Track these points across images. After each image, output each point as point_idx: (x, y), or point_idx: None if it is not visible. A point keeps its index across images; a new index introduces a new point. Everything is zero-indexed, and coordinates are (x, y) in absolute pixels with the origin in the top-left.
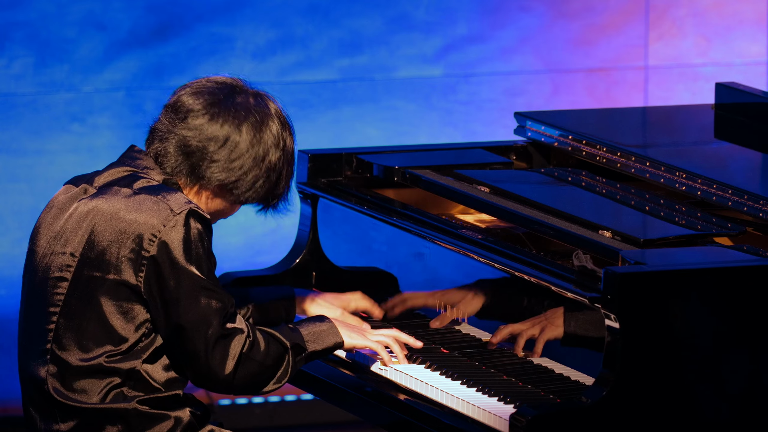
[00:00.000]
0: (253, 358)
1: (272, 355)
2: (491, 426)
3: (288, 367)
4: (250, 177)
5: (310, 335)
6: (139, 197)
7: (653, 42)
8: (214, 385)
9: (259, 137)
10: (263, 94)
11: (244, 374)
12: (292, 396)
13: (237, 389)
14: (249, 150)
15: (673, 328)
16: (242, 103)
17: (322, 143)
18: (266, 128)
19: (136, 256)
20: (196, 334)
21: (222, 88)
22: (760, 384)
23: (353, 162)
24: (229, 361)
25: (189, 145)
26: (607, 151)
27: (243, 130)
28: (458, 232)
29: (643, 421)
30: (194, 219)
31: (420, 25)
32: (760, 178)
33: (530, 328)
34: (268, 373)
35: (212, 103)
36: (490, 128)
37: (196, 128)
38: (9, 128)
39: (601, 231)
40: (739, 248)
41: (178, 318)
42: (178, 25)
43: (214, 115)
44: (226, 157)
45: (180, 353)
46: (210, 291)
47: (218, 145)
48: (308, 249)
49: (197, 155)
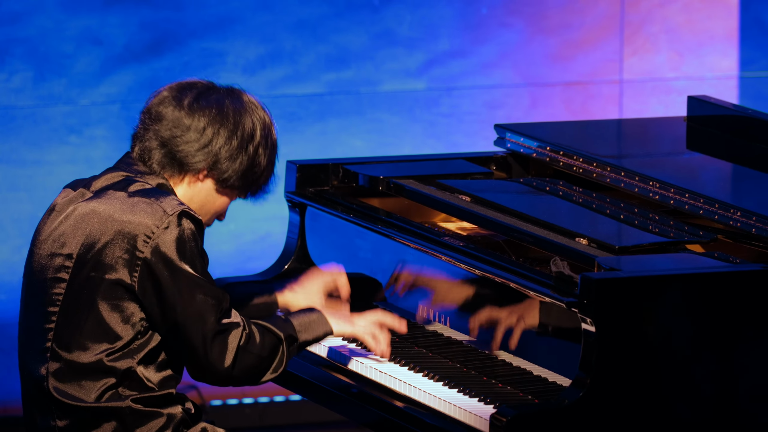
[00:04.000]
0: (250, 350)
1: (267, 347)
2: (472, 426)
3: (283, 356)
4: (228, 155)
5: (300, 325)
6: (133, 200)
7: (628, 57)
8: (214, 378)
9: (228, 116)
10: (232, 86)
11: (242, 366)
12: (281, 397)
13: (236, 381)
14: (223, 130)
15: (646, 331)
16: (209, 89)
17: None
18: (236, 108)
19: (130, 256)
20: (194, 331)
21: (190, 81)
22: (730, 385)
23: (340, 172)
24: (227, 355)
25: (163, 135)
26: (583, 162)
27: (213, 113)
28: (440, 240)
29: (619, 421)
30: (186, 219)
31: (404, 40)
32: (731, 188)
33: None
34: (265, 364)
35: (179, 90)
36: (471, 140)
37: (165, 117)
38: (9, 140)
39: (578, 238)
40: (710, 255)
41: (175, 316)
42: (171, 40)
43: (180, 100)
44: (199, 138)
45: (179, 350)
46: (204, 288)
47: (188, 127)
48: (296, 256)
49: (172, 142)
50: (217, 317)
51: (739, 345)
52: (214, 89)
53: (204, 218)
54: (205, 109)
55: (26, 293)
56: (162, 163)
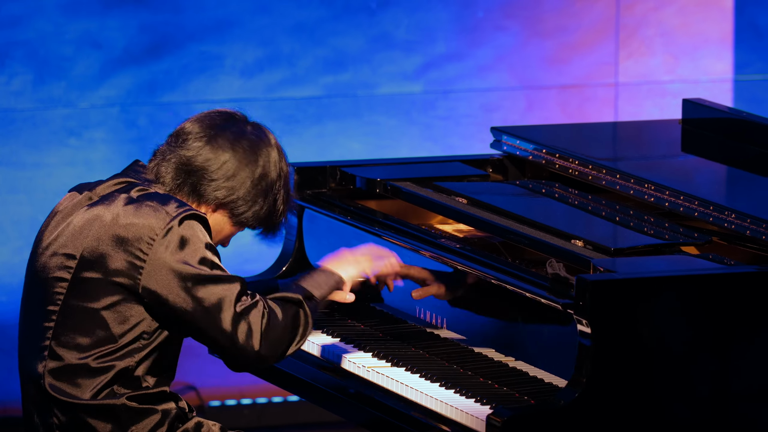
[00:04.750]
0: (275, 325)
1: (290, 316)
2: (469, 426)
3: (307, 318)
4: (248, 197)
5: (311, 285)
6: (137, 203)
7: (623, 60)
8: (247, 362)
9: (256, 159)
10: (260, 124)
11: (271, 343)
12: (279, 397)
13: (270, 359)
14: (246, 170)
15: (642, 333)
16: (240, 127)
17: (308, 157)
18: (263, 151)
19: (134, 259)
20: (213, 326)
21: (221, 114)
22: (725, 386)
23: (337, 174)
24: (254, 337)
25: (189, 164)
26: (579, 164)
27: (240, 151)
28: (437, 242)
29: (615, 421)
30: (191, 219)
31: (401, 44)
32: (725, 190)
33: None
34: (292, 333)
35: (210, 126)
36: (467, 142)
37: (194, 149)
38: (9, 142)
39: (574, 240)
40: (705, 257)
41: (189, 316)
42: (170, 43)
43: (212, 137)
44: (224, 177)
45: (209, 345)
46: (214, 280)
47: (216, 166)
48: (294, 257)
49: (197, 174)
50: (234, 305)
51: (733, 346)
52: (246, 125)
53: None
54: (237, 149)
55: (27, 292)
56: (178, 186)
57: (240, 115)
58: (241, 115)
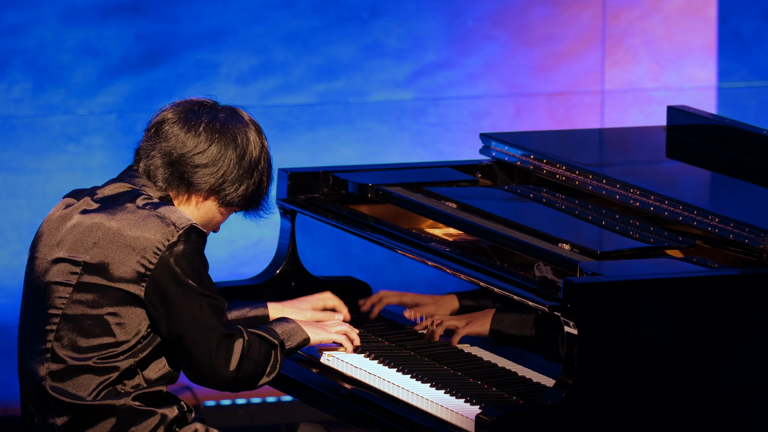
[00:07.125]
0: (251, 357)
1: (264, 353)
2: (459, 426)
3: (276, 362)
4: (236, 178)
5: (284, 333)
6: (142, 213)
7: (609, 68)
8: (218, 383)
9: (235, 139)
10: (233, 106)
11: (244, 371)
12: (272, 397)
13: (238, 386)
14: (228, 152)
15: (627, 334)
16: (215, 112)
17: (301, 162)
18: (241, 131)
19: (140, 268)
20: (202, 343)
21: (191, 102)
22: (709, 386)
23: (330, 180)
24: (233, 361)
25: (171, 155)
26: (566, 170)
27: (218, 135)
28: (427, 245)
29: (601, 421)
30: (194, 233)
31: (392, 52)
32: (709, 195)
33: (464, 326)
34: (261, 369)
35: (185, 111)
36: (457, 148)
37: (174, 137)
38: (9, 148)
39: (561, 244)
40: (689, 260)
41: (182, 328)
42: (166, 52)
43: (188, 124)
44: (209, 161)
45: (185, 357)
46: (209, 298)
47: (198, 151)
48: (288, 261)
49: (182, 163)
50: (223, 326)
51: (717, 347)
52: (219, 109)
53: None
54: (215, 132)
55: (27, 296)
56: (168, 181)
57: (210, 101)
58: (211, 101)
